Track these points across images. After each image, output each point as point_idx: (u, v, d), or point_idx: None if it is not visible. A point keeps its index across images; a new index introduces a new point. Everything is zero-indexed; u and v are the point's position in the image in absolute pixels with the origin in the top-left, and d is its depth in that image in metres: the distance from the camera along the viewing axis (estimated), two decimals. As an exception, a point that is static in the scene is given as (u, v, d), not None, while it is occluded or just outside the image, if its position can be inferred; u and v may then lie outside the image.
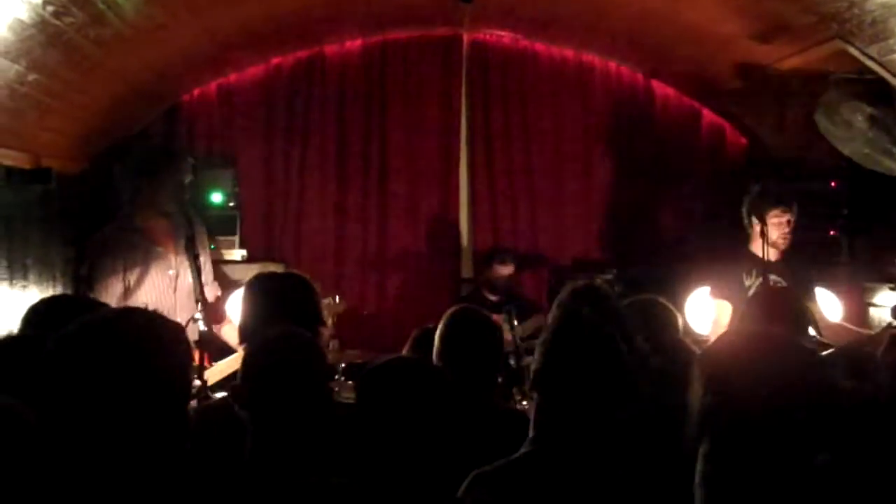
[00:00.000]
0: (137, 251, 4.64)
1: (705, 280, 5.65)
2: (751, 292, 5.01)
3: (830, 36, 4.92)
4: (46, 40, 4.43)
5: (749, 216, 5.41)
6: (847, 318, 5.70)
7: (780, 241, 5.31)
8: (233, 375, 3.27)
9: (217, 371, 4.11)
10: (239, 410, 2.62)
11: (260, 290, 3.49)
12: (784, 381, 1.89)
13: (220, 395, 3.73)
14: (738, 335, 2.30)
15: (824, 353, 4.22)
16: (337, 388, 5.11)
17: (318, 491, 1.74)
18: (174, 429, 1.96)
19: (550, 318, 3.17)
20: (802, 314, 3.84)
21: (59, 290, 5.71)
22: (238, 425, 2.62)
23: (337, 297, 5.04)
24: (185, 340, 2.12)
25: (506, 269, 6.98)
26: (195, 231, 4.69)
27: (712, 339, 4.13)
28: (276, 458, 2.50)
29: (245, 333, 3.42)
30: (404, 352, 3.80)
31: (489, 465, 2.38)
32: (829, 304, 5.67)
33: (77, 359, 1.90)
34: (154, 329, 2.00)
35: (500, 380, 3.88)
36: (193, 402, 3.45)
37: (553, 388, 2.50)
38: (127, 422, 1.87)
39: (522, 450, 2.46)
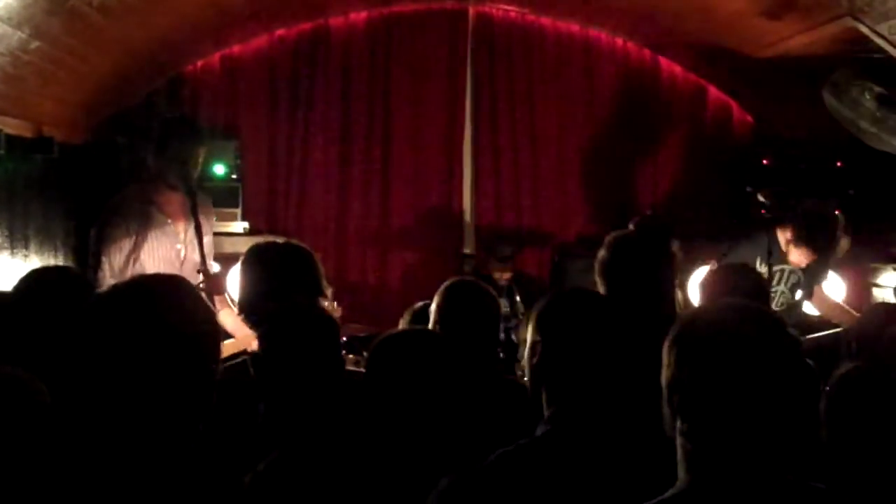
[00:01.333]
0: (149, 221, 4.63)
1: (711, 254, 5.61)
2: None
3: (840, 13, 4.87)
4: (49, 7, 4.39)
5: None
6: (850, 298, 5.68)
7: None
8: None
9: None
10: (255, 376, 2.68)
11: (257, 261, 3.45)
12: (760, 354, 1.87)
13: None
14: (711, 307, 2.24)
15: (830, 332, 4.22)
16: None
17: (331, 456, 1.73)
18: (203, 391, 1.94)
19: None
20: (763, 290, 3.82)
21: (60, 261, 5.71)
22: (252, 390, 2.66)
23: (335, 304, 5.01)
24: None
25: (505, 275, 6.94)
26: (199, 204, 4.68)
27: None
28: (288, 424, 2.52)
29: (244, 306, 3.39)
30: (400, 327, 3.77)
31: (506, 448, 2.34)
32: (833, 285, 5.64)
33: (111, 322, 1.88)
34: (187, 294, 1.99)
35: (501, 354, 3.86)
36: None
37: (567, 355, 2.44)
38: (159, 385, 1.85)
39: (540, 429, 2.42)
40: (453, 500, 2.13)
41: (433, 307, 3.37)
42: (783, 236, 5.20)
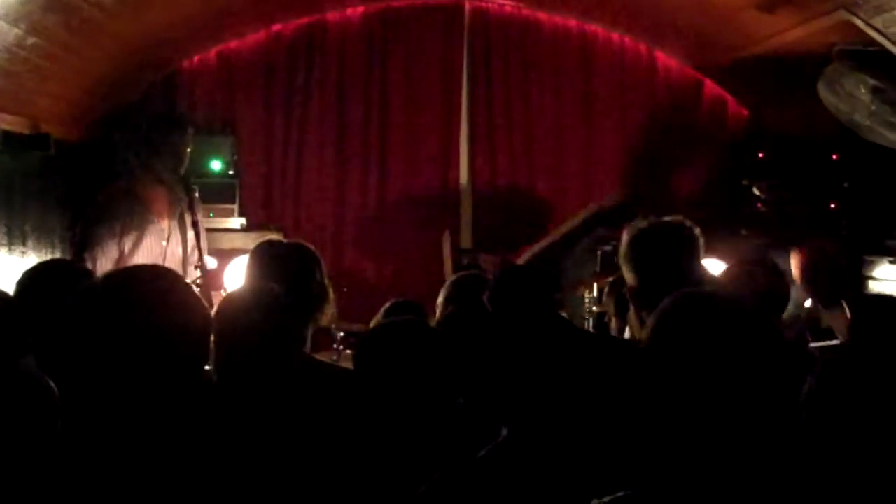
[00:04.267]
0: (134, 217, 4.65)
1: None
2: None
3: (835, 6, 4.88)
4: (46, 3, 4.40)
5: None
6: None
7: None
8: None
9: None
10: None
11: (264, 258, 3.47)
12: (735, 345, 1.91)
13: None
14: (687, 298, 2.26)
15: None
16: (336, 358, 5.13)
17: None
18: (194, 384, 1.95)
19: None
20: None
21: (57, 256, 5.71)
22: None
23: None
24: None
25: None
26: (191, 201, 4.70)
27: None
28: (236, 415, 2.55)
29: None
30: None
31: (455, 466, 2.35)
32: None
33: (99, 315, 1.88)
34: (181, 287, 1.99)
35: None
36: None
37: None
38: (150, 378, 1.86)
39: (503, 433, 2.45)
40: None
41: (439, 300, 3.39)
42: (795, 263, 5.16)
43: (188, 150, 4.89)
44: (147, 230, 4.69)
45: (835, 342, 4.40)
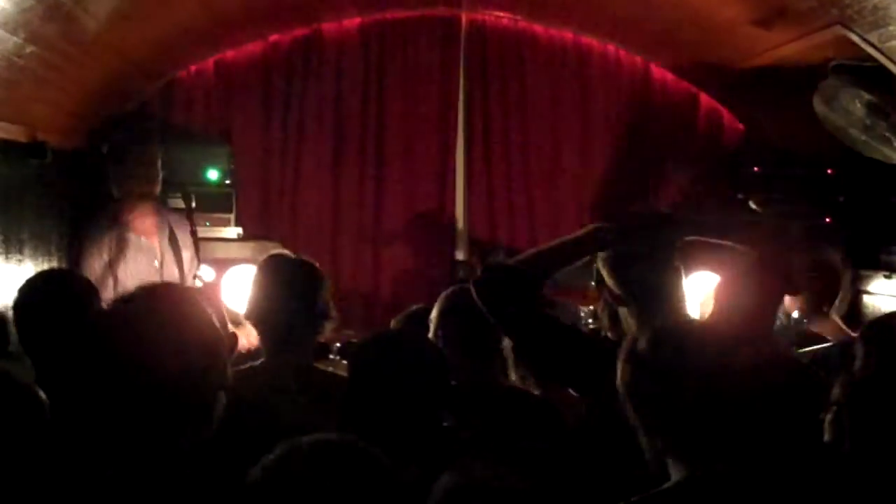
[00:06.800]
0: (123, 244, 4.67)
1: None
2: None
3: (831, 22, 4.90)
4: (45, 12, 4.41)
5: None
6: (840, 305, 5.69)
7: None
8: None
9: None
10: None
11: (273, 274, 3.48)
12: (732, 380, 1.92)
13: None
14: (692, 324, 2.28)
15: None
16: (332, 368, 5.13)
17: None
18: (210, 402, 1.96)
19: None
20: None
21: (54, 265, 5.71)
22: None
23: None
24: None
25: None
26: (189, 210, 4.72)
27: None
28: None
29: (250, 312, 3.43)
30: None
31: None
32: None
33: (122, 335, 1.89)
34: (195, 304, 2.00)
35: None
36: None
37: None
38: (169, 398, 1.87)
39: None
40: None
41: (434, 314, 3.40)
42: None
43: (158, 162, 4.85)
44: (137, 252, 4.71)
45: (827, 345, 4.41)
